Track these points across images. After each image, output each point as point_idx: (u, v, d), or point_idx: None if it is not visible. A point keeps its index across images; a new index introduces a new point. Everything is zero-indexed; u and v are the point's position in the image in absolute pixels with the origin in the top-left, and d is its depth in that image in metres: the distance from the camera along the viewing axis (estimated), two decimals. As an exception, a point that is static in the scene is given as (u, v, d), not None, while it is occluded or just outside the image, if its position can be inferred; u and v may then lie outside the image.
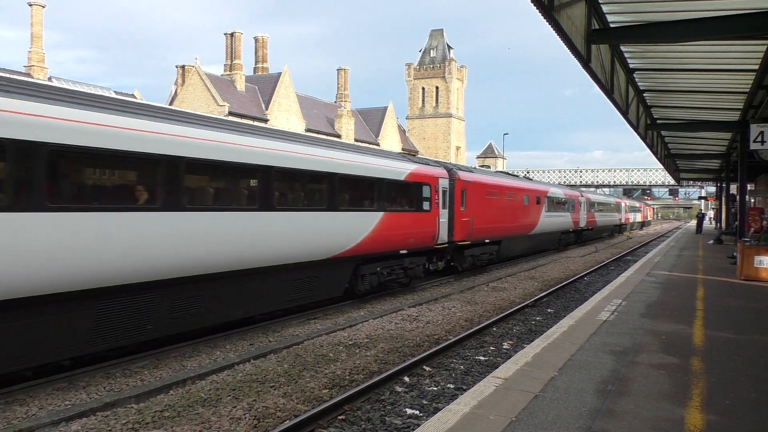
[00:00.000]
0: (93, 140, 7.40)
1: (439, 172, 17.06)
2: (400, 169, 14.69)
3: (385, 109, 72.97)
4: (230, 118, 12.86)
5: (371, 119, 72.50)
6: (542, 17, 8.61)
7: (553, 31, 9.20)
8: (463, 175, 18.73)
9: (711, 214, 72.51)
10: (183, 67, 54.52)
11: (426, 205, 15.89)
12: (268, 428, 6.27)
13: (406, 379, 8.14)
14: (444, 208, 17.05)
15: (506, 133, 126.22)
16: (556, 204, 29.78)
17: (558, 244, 31.85)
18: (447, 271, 19.46)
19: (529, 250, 27.11)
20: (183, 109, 9.84)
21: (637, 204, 68.53)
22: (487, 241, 20.79)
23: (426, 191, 15.90)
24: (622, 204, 54.01)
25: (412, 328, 11.22)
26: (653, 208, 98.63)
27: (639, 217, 68.05)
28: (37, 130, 6.82)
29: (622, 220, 53.98)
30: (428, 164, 16.98)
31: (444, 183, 17.15)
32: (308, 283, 11.78)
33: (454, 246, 18.18)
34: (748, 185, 30.38)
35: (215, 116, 10.42)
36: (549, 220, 28.29)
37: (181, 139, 8.61)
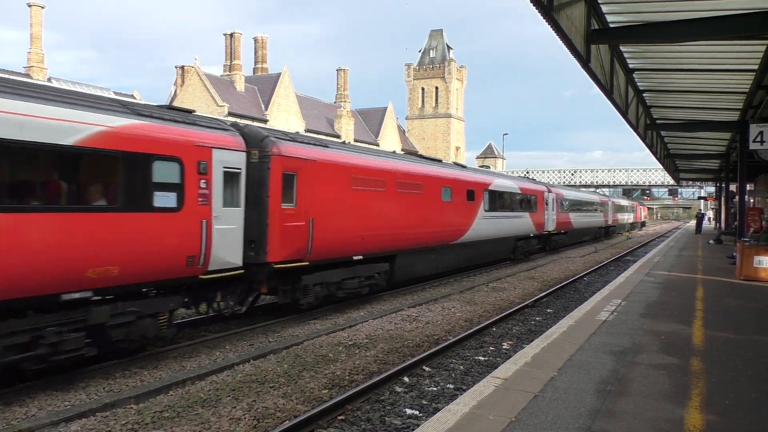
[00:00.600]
0: None
1: (212, 137, 9.72)
2: (56, 121, 7.29)
3: (385, 109, 73.03)
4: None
5: (371, 119, 72.56)
6: (542, 17, 8.62)
7: (553, 32, 9.21)
8: (290, 149, 11.33)
9: (710, 214, 71.97)
10: (182, 67, 54.57)
11: (164, 199, 8.76)
12: (268, 428, 6.27)
13: (406, 379, 8.13)
14: (234, 204, 10.09)
15: (506, 134, 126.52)
16: (505, 201, 22.71)
17: (513, 253, 25.02)
18: (273, 311, 12.70)
19: (457, 265, 19.57)
20: None
21: (628, 203, 61.35)
22: (358, 257, 13.37)
23: (164, 171, 8.76)
24: (609, 203, 46.81)
25: (411, 328, 11.22)
26: (648, 208, 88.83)
27: (630, 218, 60.52)
28: None
29: (609, 222, 46.78)
30: (187, 124, 9.38)
31: (231, 159, 9.96)
32: None
33: (270, 270, 10.83)
34: (748, 185, 30.39)
35: None
36: (492, 223, 21.09)
37: None
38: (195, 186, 9.27)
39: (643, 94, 18.04)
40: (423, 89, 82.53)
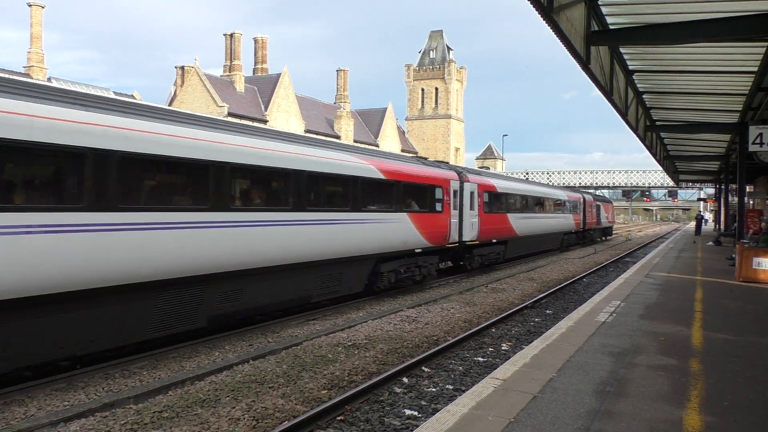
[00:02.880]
0: None
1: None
2: None
3: (385, 110, 73.03)
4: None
5: (371, 120, 72.56)
6: (542, 19, 8.62)
7: (553, 33, 9.22)
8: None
9: (709, 216, 71.05)
10: (182, 68, 54.53)
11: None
12: (267, 429, 6.27)
13: (405, 380, 8.14)
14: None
15: (505, 135, 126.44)
16: None
17: None
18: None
19: None
20: None
21: (561, 194, 32.18)
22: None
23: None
24: (463, 184, 18.66)
25: (411, 329, 11.22)
26: (612, 206, 48.80)
27: (569, 223, 32.69)
28: None
29: (471, 233, 19.16)
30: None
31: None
32: None
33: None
34: (747, 187, 30.41)
35: None
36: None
37: None
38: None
39: (643, 96, 18.06)
40: (423, 90, 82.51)
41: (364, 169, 13.19)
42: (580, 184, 78.03)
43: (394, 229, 14.33)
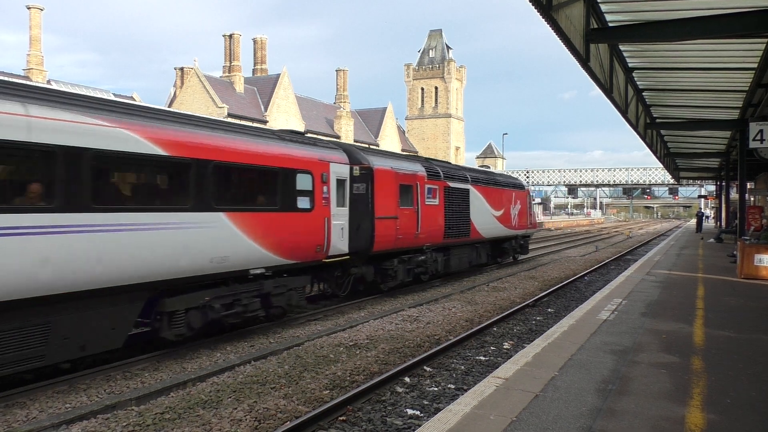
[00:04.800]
0: None
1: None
2: None
3: (385, 110, 73.05)
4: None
5: (370, 120, 72.59)
6: (541, 17, 8.61)
7: (552, 32, 9.21)
8: None
9: (709, 213, 70.82)
10: (182, 69, 54.54)
11: None
12: (269, 430, 6.27)
13: (407, 379, 8.13)
14: None
15: (505, 134, 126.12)
16: None
17: None
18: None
19: None
20: None
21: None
22: None
23: None
24: None
25: (412, 328, 11.22)
26: (527, 196, 23.94)
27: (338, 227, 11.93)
28: None
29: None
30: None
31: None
32: None
33: None
34: (748, 184, 30.39)
35: None
36: None
37: None
38: None
39: (643, 93, 18.04)
40: (422, 89, 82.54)
41: None
42: (581, 182, 78.06)
43: None
